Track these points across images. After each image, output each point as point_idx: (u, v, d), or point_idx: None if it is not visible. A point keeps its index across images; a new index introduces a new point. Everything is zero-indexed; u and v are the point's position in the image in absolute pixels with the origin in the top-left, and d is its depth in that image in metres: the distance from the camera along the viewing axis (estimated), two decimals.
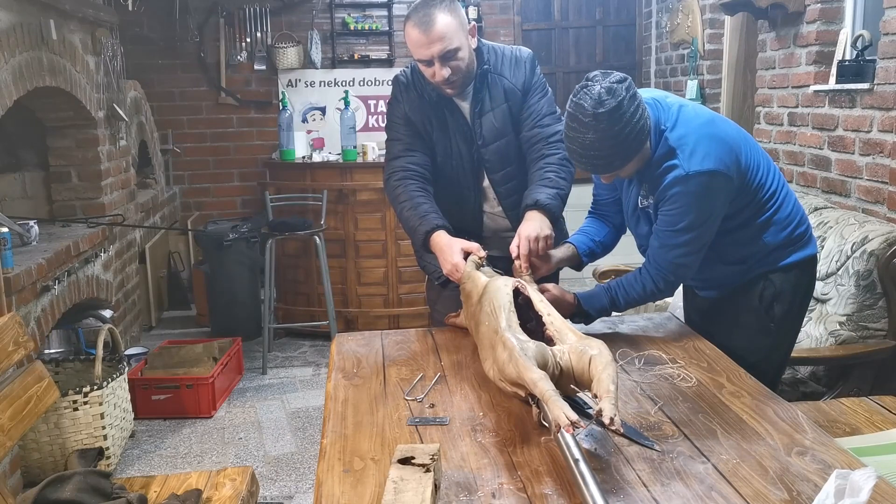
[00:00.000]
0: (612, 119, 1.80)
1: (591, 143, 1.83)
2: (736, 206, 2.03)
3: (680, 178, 1.90)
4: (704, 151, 1.90)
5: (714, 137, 1.93)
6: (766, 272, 2.13)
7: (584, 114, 1.81)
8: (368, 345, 2.17)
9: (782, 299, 2.14)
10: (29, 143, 4.09)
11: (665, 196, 1.95)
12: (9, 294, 2.77)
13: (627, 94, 1.81)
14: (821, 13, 3.58)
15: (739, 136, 2.04)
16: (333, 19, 6.14)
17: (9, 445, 1.87)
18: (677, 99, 2.05)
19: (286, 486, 3.07)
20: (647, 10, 6.31)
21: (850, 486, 1.13)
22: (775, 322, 2.16)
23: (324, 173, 4.68)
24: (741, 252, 2.12)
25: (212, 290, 4.80)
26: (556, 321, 1.78)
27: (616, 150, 1.84)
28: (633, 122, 1.82)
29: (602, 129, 1.81)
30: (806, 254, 2.16)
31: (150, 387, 3.67)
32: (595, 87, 1.81)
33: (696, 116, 1.98)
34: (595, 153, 1.85)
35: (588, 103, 1.80)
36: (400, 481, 1.28)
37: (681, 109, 1.98)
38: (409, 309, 4.72)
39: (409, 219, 2.28)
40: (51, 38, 3.43)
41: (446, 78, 2.19)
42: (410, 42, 2.18)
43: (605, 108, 1.79)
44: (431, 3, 2.14)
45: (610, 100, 1.79)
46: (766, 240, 2.10)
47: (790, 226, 2.12)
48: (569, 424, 1.36)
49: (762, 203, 2.08)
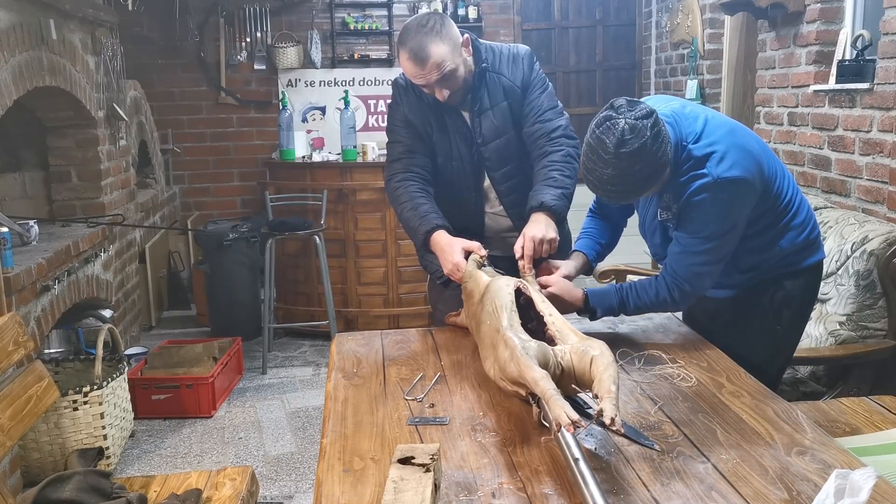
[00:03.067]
0: (634, 159, 1.77)
1: (609, 178, 1.81)
2: (756, 212, 2.03)
3: (708, 185, 1.89)
4: (732, 160, 1.89)
5: (739, 146, 1.93)
6: (779, 276, 2.14)
7: (605, 150, 1.77)
8: (368, 345, 2.17)
9: (791, 303, 2.15)
10: (29, 143, 4.09)
11: (691, 203, 1.92)
12: (9, 294, 2.77)
13: (651, 133, 1.76)
14: (821, 13, 3.58)
15: (759, 145, 2.05)
16: (333, 19, 6.14)
17: (9, 445, 1.87)
18: (700, 109, 2.03)
19: (286, 486, 3.08)
20: (647, 10, 6.31)
21: (850, 485, 1.13)
22: (782, 325, 2.16)
23: (324, 173, 4.68)
24: (757, 258, 2.12)
25: (212, 289, 4.80)
26: (558, 321, 1.78)
27: (636, 185, 1.84)
28: (656, 160, 1.80)
29: (623, 168, 1.78)
30: (817, 258, 2.18)
31: (150, 387, 3.67)
32: (619, 123, 1.76)
33: (721, 126, 1.97)
34: (613, 188, 1.83)
35: (610, 140, 1.76)
36: (400, 481, 1.28)
37: (707, 122, 1.96)
38: (409, 309, 4.71)
39: (409, 219, 2.28)
40: (51, 37, 3.43)
41: (446, 97, 2.23)
42: (406, 70, 2.21)
43: (628, 148, 1.75)
44: (422, 31, 2.15)
45: (633, 139, 1.75)
46: (783, 245, 2.10)
47: (805, 230, 2.13)
48: (569, 424, 1.36)
49: (780, 210, 2.08)
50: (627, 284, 2.13)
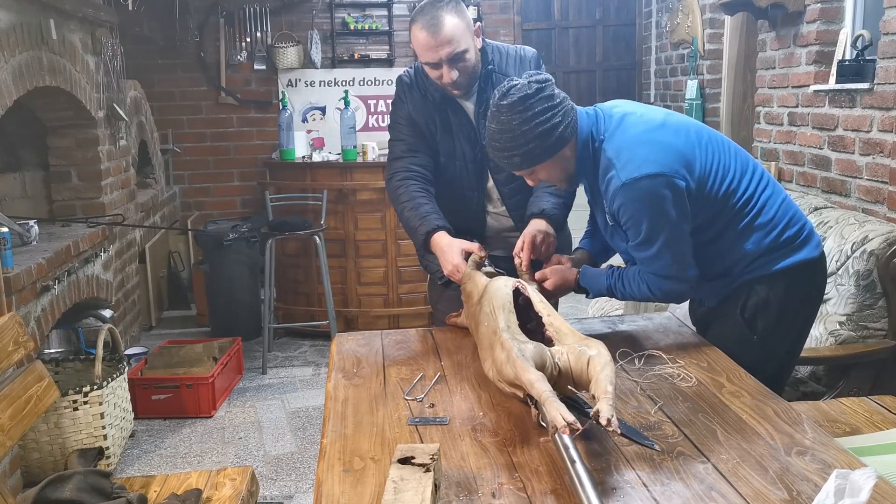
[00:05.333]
0: (512, 113, 1.83)
1: (492, 134, 1.88)
2: (705, 216, 1.95)
3: (618, 188, 1.86)
4: (642, 157, 1.85)
5: (653, 143, 1.87)
6: (750, 281, 2.01)
7: (492, 104, 1.88)
8: (368, 345, 2.17)
9: (767, 310, 2.01)
10: (29, 143, 4.09)
11: (615, 210, 1.91)
12: (9, 294, 2.77)
13: (538, 94, 1.82)
14: (821, 13, 3.58)
15: (696, 140, 1.93)
16: (333, 19, 6.14)
17: (9, 445, 1.87)
18: (632, 107, 1.98)
19: (286, 486, 3.08)
20: (647, 10, 6.31)
21: (850, 485, 1.13)
22: (758, 334, 2.03)
23: (324, 173, 4.68)
24: (723, 264, 2.01)
25: (212, 289, 4.80)
26: (556, 322, 1.78)
27: (516, 145, 1.84)
28: (536, 122, 1.82)
29: (502, 122, 1.85)
30: (798, 258, 2.01)
31: (150, 387, 3.67)
32: (512, 82, 1.86)
33: (637, 124, 1.91)
34: (496, 144, 1.88)
35: (497, 94, 1.87)
36: (400, 481, 1.28)
37: (623, 119, 1.92)
38: (409, 309, 4.71)
39: (409, 219, 2.28)
40: (51, 37, 3.43)
41: (454, 80, 2.19)
42: (418, 45, 2.17)
43: (507, 101, 1.83)
44: (438, 5, 2.13)
45: (514, 94, 1.83)
46: (748, 248, 1.98)
47: (775, 230, 1.99)
48: (565, 426, 1.36)
49: (737, 210, 1.97)
50: (618, 272, 2.07)
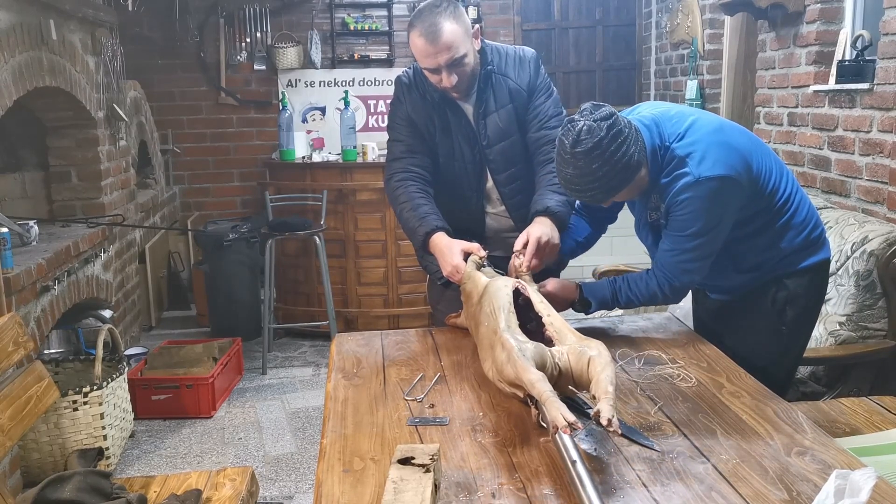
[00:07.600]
0: (589, 158, 1.83)
1: (570, 178, 1.88)
2: (749, 211, 2.04)
3: (690, 183, 1.91)
4: (714, 158, 1.91)
5: (723, 144, 1.95)
6: (779, 276, 2.14)
7: (565, 150, 1.86)
8: (368, 345, 2.17)
9: (795, 303, 2.14)
10: (29, 143, 4.09)
11: (676, 202, 1.95)
12: (9, 294, 2.77)
13: (608, 133, 1.82)
14: (821, 13, 3.58)
15: (751, 142, 2.05)
16: (333, 19, 6.14)
17: (9, 445, 1.87)
18: (689, 111, 2.06)
19: (286, 486, 3.07)
20: (647, 10, 6.31)
21: (850, 486, 1.13)
22: (787, 325, 2.16)
23: (324, 173, 4.68)
24: (757, 259, 2.12)
25: (212, 290, 4.80)
26: (556, 322, 1.78)
27: (598, 184, 1.87)
28: (615, 160, 1.84)
29: (580, 167, 1.84)
30: (820, 257, 2.17)
31: (150, 387, 3.67)
32: (578, 124, 1.84)
33: (706, 125, 1.99)
34: (577, 187, 1.90)
35: (568, 141, 1.85)
36: (400, 481, 1.28)
37: (693, 122, 1.99)
38: (409, 309, 4.71)
39: (408, 220, 2.28)
40: (51, 38, 3.43)
41: (453, 84, 2.20)
42: (416, 51, 2.18)
43: (582, 147, 1.82)
44: (436, 11, 2.13)
45: (587, 139, 1.82)
46: (783, 245, 2.10)
47: (806, 229, 2.12)
48: (566, 426, 1.36)
49: (777, 208, 2.08)
50: (621, 278, 2.16)
